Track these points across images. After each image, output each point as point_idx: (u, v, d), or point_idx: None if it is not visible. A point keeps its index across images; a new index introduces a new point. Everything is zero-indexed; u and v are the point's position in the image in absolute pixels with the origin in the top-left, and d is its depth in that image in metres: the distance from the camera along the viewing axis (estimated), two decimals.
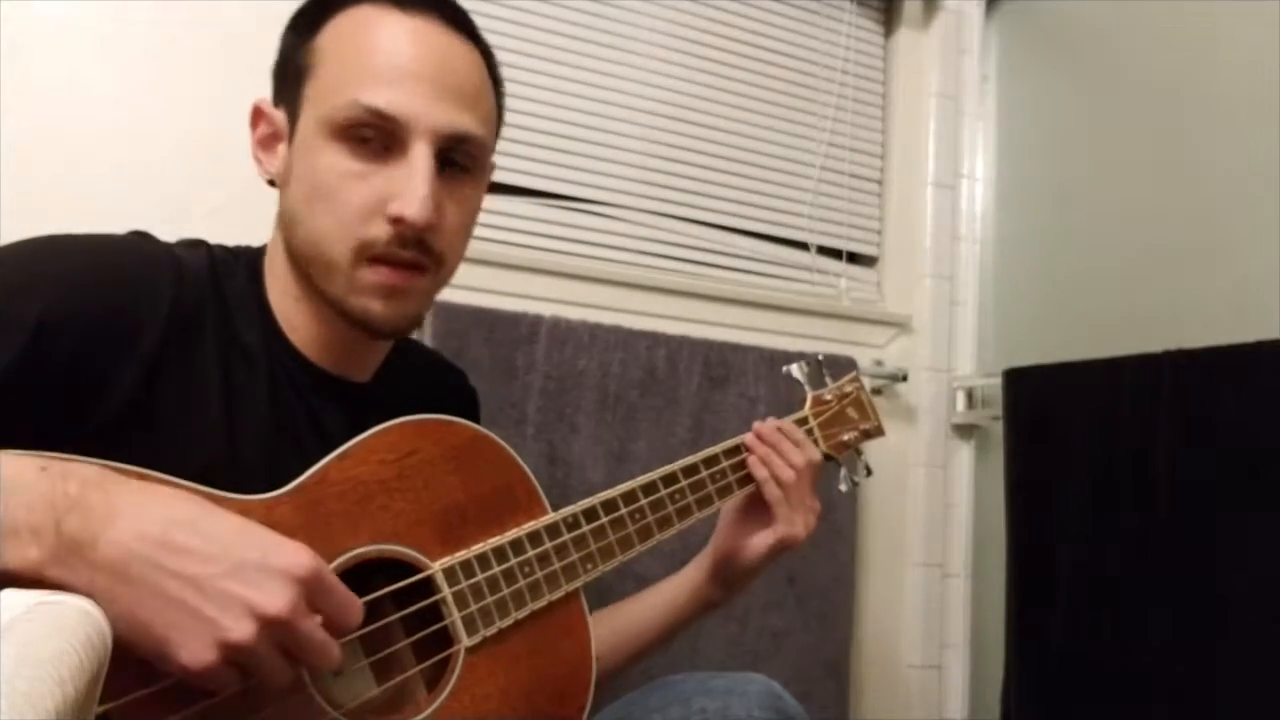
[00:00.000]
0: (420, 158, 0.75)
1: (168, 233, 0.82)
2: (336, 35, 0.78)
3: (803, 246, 1.73)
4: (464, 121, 0.77)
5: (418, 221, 0.74)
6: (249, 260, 0.83)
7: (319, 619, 0.62)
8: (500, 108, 0.86)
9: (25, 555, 0.55)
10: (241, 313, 0.79)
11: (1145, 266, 1.51)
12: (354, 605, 0.65)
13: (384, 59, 0.76)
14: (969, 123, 1.84)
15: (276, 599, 0.59)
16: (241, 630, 0.58)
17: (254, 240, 0.87)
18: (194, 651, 0.57)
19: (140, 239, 0.78)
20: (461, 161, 0.79)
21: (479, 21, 0.85)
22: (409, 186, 0.74)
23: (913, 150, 1.80)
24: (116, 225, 0.81)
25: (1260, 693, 1.19)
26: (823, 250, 1.75)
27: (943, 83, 1.82)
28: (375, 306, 0.77)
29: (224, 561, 0.59)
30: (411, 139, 0.75)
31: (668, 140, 1.61)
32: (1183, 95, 1.50)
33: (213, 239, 0.84)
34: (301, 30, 0.81)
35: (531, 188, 1.50)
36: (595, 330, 1.43)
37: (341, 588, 0.64)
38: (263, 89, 0.84)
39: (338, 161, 0.75)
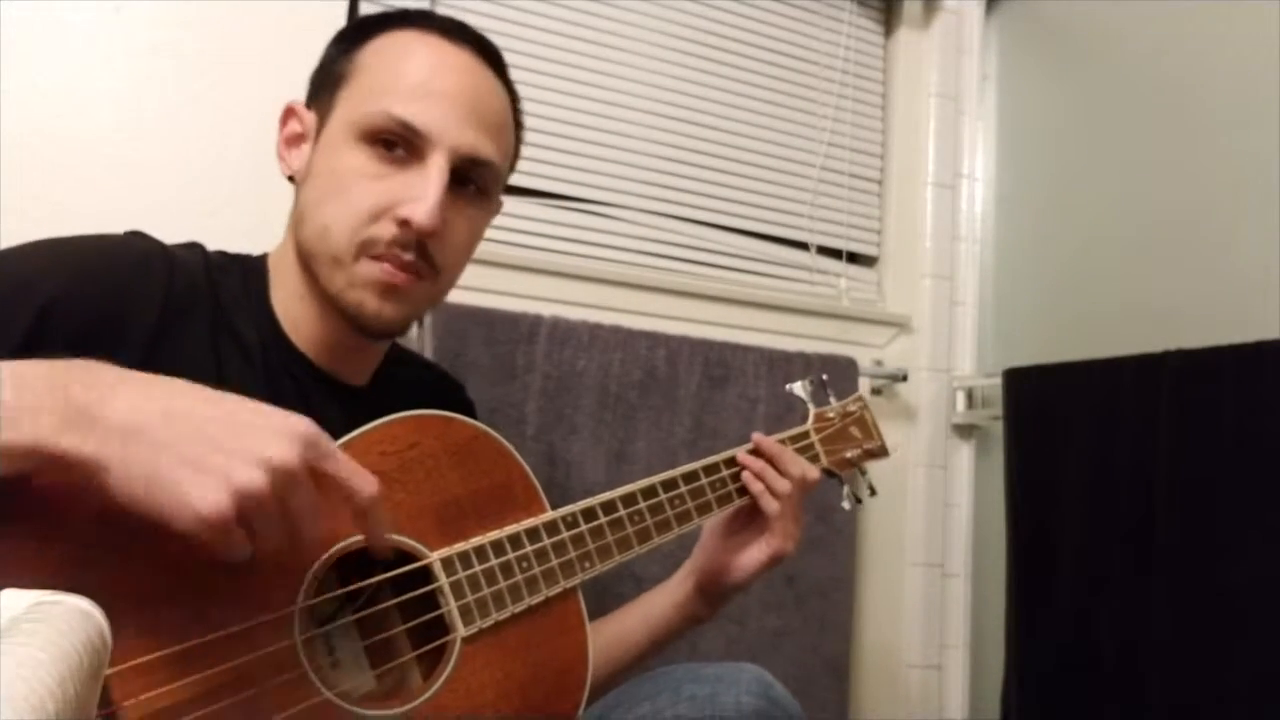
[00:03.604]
0: (435, 169, 0.79)
1: (167, 233, 0.82)
2: (378, 50, 0.82)
3: (803, 246, 1.73)
4: (484, 146, 0.82)
5: (423, 226, 0.77)
6: (246, 265, 0.85)
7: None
8: (517, 150, 0.90)
9: (37, 423, 0.56)
10: (237, 309, 0.81)
11: (1145, 266, 1.51)
12: (363, 472, 0.65)
13: (419, 77, 0.80)
14: (969, 123, 1.84)
15: (283, 450, 0.60)
16: (251, 476, 0.58)
17: (252, 241, 0.88)
18: (205, 495, 0.57)
19: (136, 237, 0.81)
20: (476, 183, 0.83)
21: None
22: (420, 192, 0.78)
23: (913, 150, 1.80)
24: (116, 225, 0.82)
25: (1261, 692, 1.19)
26: (823, 250, 1.75)
27: (943, 83, 1.82)
28: (370, 301, 0.79)
29: (230, 419, 0.60)
30: (431, 151, 0.79)
31: (668, 140, 1.61)
32: (1183, 95, 1.50)
33: (210, 239, 0.85)
34: (345, 42, 0.85)
35: (532, 188, 1.50)
36: (595, 330, 1.43)
37: (344, 455, 0.65)
38: (261, 89, 0.85)
39: (358, 162, 0.79)
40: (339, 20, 1.35)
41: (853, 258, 1.77)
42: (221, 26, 1.30)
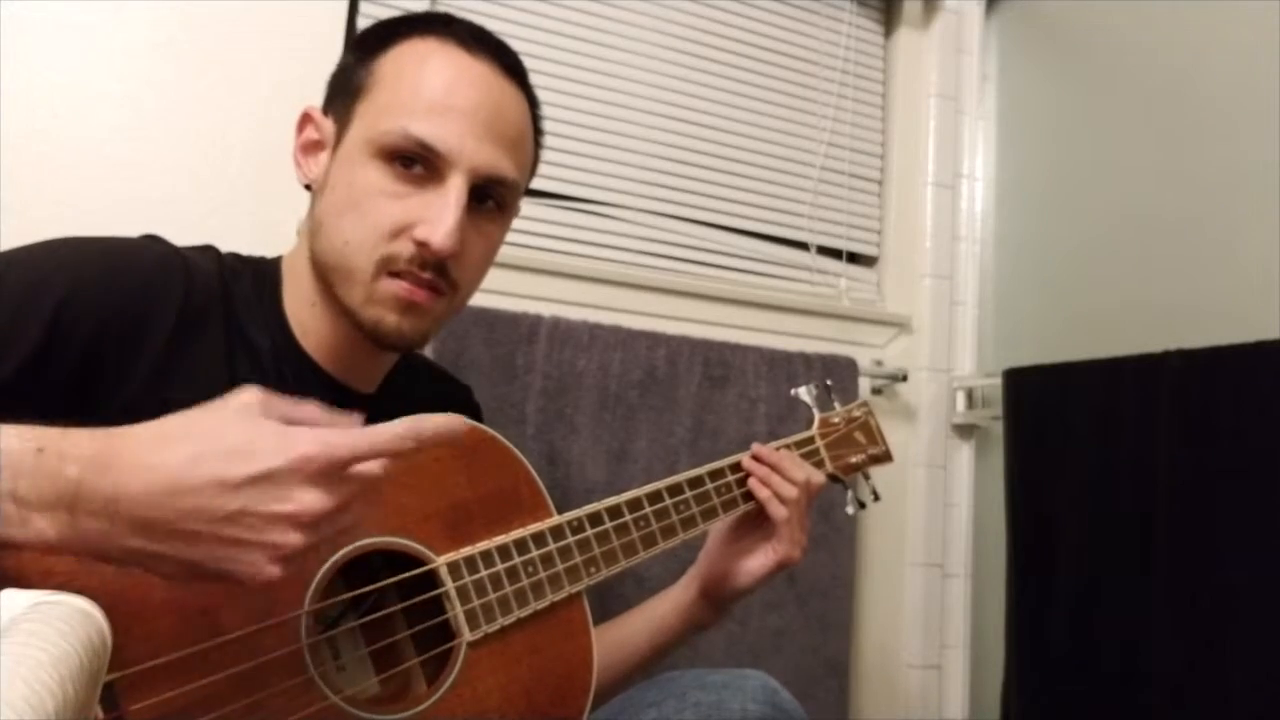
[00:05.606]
0: (455, 190, 0.78)
1: (166, 234, 0.82)
2: (398, 61, 0.81)
3: (803, 246, 1.73)
4: (503, 164, 0.81)
5: (442, 249, 0.77)
6: (258, 268, 0.85)
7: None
8: (537, 156, 0.91)
9: (43, 535, 0.55)
10: (250, 315, 0.81)
11: (1145, 266, 1.51)
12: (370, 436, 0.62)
13: (439, 93, 0.79)
14: (969, 123, 1.84)
15: (309, 504, 0.58)
16: (292, 540, 0.58)
17: (251, 241, 0.88)
18: (258, 571, 0.58)
19: (152, 241, 0.81)
20: (495, 199, 0.83)
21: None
22: (439, 215, 0.77)
23: (913, 150, 1.81)
24: (116, 225, 0.82)
25: (1261, 692, 1.19)
26: (823, 250, 1.75)
27: (943, 83, 1.82)
28: (389, 318, 0.79)
29: (240, 495, 0.57)
30: (451, 171, 0.78)
31: (668, 140, 1.61)
32: (1183, 95, 1.49)
33: (210, 239, 0.85)
34: (365, 49, 0.83)
35: (532, 187, 1.49)
36: (595, 330, 1.43)
37: (349, 436, 0.61)
38: (261, 89, 0.84)
39: (377, 179, 0.78)
40: (339, 21, 1.35)
41: (853, 258, 1.77)
42: (221, 27, 1.30)
